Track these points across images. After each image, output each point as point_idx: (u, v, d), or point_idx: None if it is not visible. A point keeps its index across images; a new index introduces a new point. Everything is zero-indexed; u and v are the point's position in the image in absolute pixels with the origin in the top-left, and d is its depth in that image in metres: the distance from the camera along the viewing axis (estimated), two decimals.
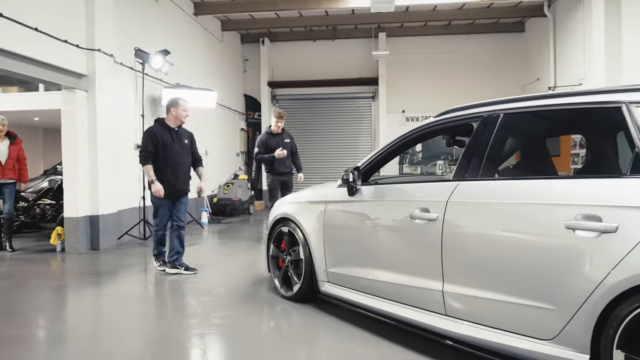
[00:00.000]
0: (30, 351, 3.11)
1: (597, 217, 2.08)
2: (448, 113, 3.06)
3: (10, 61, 5.39)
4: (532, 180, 2.50)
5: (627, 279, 1.95)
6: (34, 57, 5.63)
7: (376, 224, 3.28)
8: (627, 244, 1.97)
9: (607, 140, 2.51)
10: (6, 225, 6.73)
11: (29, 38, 5.52)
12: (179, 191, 5.21)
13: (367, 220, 3.36)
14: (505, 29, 13.00)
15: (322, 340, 3.34)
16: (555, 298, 2.21)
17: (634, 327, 1.94)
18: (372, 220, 3.32)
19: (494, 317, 2.50)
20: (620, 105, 2.21)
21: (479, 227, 2.58)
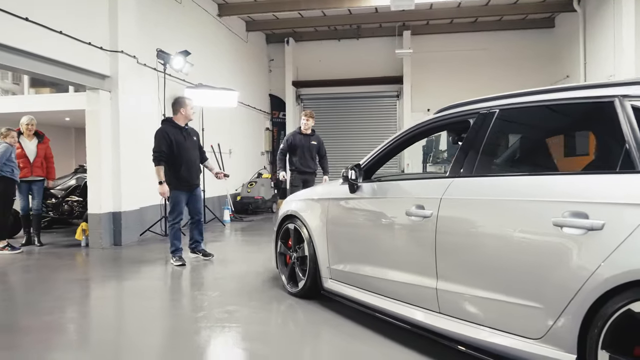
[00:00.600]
0: (50, 337, 3.26)
1: (583, 214, 2.03)
2: (447, 110, 3.04)
3: (36, 63, 5.62)
4: (522, 176, 2.46)
5: (612, 278, 1.90)
6: (59, 59, 5.87)
7: (375, 221, 3.29)
8: (612, 242, 1.92)
9: (601, 136, 2.44)
10: (35, 221, 7.02)
11: (54, 41, 5.75)
12: (193, 185, 5.57)
13: (366, 217, 3.37)
14: (534, 25, 12.70)
15: (324, 337, 3.35)
16: (542, 296, 2.17)
17: (618, 326, 1.89)
18: (371, 217, 3.32)
19: (485, 315, 2.47)
20: (613, 99, 2.15)
21: (470, 223, 2.55)
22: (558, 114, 2.49)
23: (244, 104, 12.01)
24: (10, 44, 5.17)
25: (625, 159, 2.03)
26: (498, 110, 2.65)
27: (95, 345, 3.25)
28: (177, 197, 5.40)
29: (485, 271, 2.46)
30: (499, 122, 2.63)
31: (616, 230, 1.92)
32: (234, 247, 7.27)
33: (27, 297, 4.45)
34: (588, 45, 10.40)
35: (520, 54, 12.86)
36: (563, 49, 11.79)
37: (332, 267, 3.68)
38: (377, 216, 3.26)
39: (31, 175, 6.85)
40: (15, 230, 7.62)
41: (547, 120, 2.63)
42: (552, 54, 12.32)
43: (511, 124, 2.67)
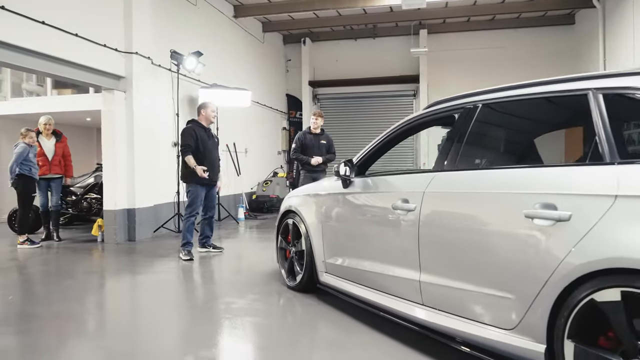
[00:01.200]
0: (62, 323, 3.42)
1: (553, 206, 2.06)
2: (435, 105, 3.08)
3: (53, 65, 5.86)
4: (498, 170, 2.49)
5: (576, 269, 1.91)
6: (75, 61, 6.10)
7: (364, 215, 3.34)
8: (578, 233, 1.94)
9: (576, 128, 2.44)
10: (54, 217, 7.29)
11: (71, 43, 5.97)
12: (213, 181, 5.88)
13: (357, 211, 3.43)
14: (554, 22, 12.49)
15: (319, 330, 3.42)
16: (514, 287, 2.20)
17: (583, 316, 1.91)
18: (361, 211, 3.38)
19: (463, 306, 2.50)
20: (587, 92, 2.17)
21: (449, 216, 2.60)
22: (535, 108, 2.51)
23: (259, 104, 12.17)
24: (27, 47, 5.40)
25: (594, 150, 2.04)
26: (481, 105, 2.68)
27: (101, 327, 3.40)
28: (197, 191, 5.70)
29: (462, 263, 2.50)
30: (481, 117, 2.66)
31: (582, 221, 1.94)
32: (244, 243, 7.40)
33: (41, 287, 4.66)
34: (608, 43, 10.20)
35: (539, 52, 12.66)
36: (583, 46, 11.59)
37: (327, 261, 3.75)
38: (366, 210, 3.32)
39: (50, 173, 7.12)
40: (36, 226, 7.93)
41: (525, 114, 2.64)
42: (572, 52, 12.11)
43: (492, 118, 2.70)
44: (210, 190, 5.89)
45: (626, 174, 1.88)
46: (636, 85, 2.00)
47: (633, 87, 2.01)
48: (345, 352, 2.90)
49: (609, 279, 1.81)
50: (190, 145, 5.61)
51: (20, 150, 6.60)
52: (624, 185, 1.86)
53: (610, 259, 1.82)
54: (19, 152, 6.59)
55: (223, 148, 9.97)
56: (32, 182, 6.76)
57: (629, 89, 2.02)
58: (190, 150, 5.60)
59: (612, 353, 1.82)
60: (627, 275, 1.76)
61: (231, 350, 3.04)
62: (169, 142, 7.95)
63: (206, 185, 5.77)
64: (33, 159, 6.72)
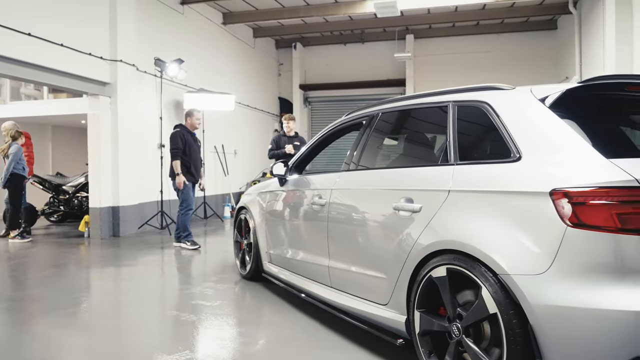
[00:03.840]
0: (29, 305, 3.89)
1: (411, 200, 2.47)
2: (351, 114, 3.49)
3: (39, 73, 6.34)
4: (379, 170, 2.91)
5: (421, 251, 2.33)
6: (60, 69, 6.57)
7: (294, 210, 3.76)
8: (424, 222, 2.35)
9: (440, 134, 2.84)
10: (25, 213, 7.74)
11: (56, 53, 6.45)
12: (196, 181, 6.57)
13: (289, 206, 3.86)
14: (536, 27, 12.81)
15: (261, 311, 3.85)
16: (387, 269, 2.61)
17: (425, 290, 2.31)
18: (291, 206, 3.81)
19: (355, 286, 2.92)
20: (447, 104, 2.57)
21: (345, 210, 3.02)
22: (415, 117, 2.92)
23: (250, 107, 12.63)
24: (13, 56, 5.88)
25: (445, 153, 2.45)
26: (380, 114, 3.09)
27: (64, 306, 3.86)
28: (187, 187, 6.37)
29: (353, 250, 2.92)
30: (378, 124, 3.08)
31: (427, 212, 2.35)
32: (222, 238, 7.84)
33: (21, 275, 5.13)
34: (583, 48, 10.51)
35: (522, 56, 12.99)
36: (563, 51, 11.92)
37: (269, 251, 4.18)
38: (295, 206, 3.74)
39: None
40: (32, 221, 8.46)
41: (407, 122, 3.06)
42: (554, 56, 12.44)
43: (385, 125, 3.10)
44: (193, 187, 6.54)
45: (458, 173, 2.29)
46: (480, 99, 2.40)
47: (478, 101, 2.41)
48: (275, 328, 3.33)
49: (439, 259, 2.22)
50: (180, 148, 6.25)
51: (14, 150, 7.12)
52: (455, 182, 2.27)
53: (439, 242, 2.23)
54: (14, 153, 7.11)
55: (210, 149, 10.46)
56: (22, 180, 7.26)
57: (475, 102, 2.42)
58: (179, 154, 6.25)
59: (441, 319, 2.23)
60: (450, 254, 2.17)
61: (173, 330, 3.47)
62: (154, 144, 8.41)
63: (194, 183, 6.48)
64: (24, 158, 7.22)
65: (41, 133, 11.65)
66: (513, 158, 2.08)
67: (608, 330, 1.69)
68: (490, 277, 1.96)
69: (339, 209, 3.08)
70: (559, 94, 2.10)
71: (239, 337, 3.17)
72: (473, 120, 2.45)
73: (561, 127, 2.00)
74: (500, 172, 2.10)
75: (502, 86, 2.38)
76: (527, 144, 2.06)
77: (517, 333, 1.86)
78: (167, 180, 8.08)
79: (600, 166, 1.81)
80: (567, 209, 1.79)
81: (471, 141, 2.50)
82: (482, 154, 2.44)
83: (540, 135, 2.05)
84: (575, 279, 1.76)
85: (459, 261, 2.11)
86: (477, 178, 2.19)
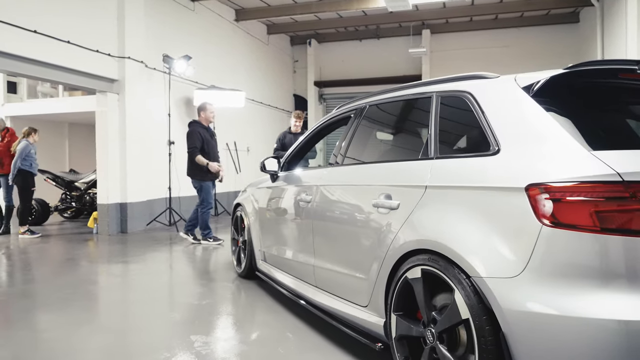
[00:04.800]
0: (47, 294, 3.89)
1: (390, 196, 2.33)
2: (341, 107, 3.36)
3: (44, 70, 6.38)
4: (360, 165, 2.77)
5: (396, 250, 2.19)
6: (67, 66, 6.60)
7: (282, 207, 3.65)
8: (401, 220, 2.21)
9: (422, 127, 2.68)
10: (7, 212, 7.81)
11: (63, 50, 6.48)
12: (216, 177, 6.45)
13: (277, 203, 3.75)
14: (557, 20, 12.41)
15: (250, 310, 3.76)
16: (366, 269, 2.47)
17: (401, 293, 2.17)
18: (279, 203, 3.70)
19: (337, 286, 2.79)
20: (431, 95, 2.42)
21: (328, 207, 2.89)
22: (401, 110, 2.78)
23: (263, 104, 12.58)
24: (19, 54, 5.92)
25: (426, 147, 2.30)
26: (368, 106, 2.96)
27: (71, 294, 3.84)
28: (208, 187, 6.32)
29: (335, 248, 2.79)
30: (366, 117, 2.94)
31: (404, 209, 2.21)
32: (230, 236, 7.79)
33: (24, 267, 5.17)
34: (606, 41, 10.11)
35: (543, 50, 12.58)
36: (585, 45, 11.49)
37: (262, 249, 4.08)
38: (283, 202, 3.63)
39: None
40: (44, 217, 8.61)
41: (393, 114, 2.91)
42: (576, 51, 11.99)
43: (372, 118, 2.96)
44: (214, 183, 6.52)
45: (436, 167, 2.14)
46: (462, 89, 2.24)
47: (460, 91, 2.25)
48: (262, 329, 3.23)
49: (415, 260, 2.08)
50: (197, 147, 6.15)
51: (22, 146, 7.20)
52: (433, 177, 2.12)
53: (415, 241, 2.09)
54: (21, 149, 7.19)
55: (223, 147, 10.42)
56: (32, 177, 7.34)
57: (458, 92, 2.26)
58: (197, 150, 6.15)
59: (418, 323, 2.09)
60: (425, 254, 2.02)
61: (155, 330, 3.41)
62: (163, 141, 8.41)
63: (213, 180, 6.41)
64: (34, 155, 7.30)
65: (58, 130, 11.83)
66: (492, 151, 1.92)
67: (588, 340, 1.53)
68: (463, 280, 1.81)
69: (323, 206, 2.95)
70: (542, 81, 1.93)
71: (221, 338, 3.09)
72: (455, 111, 2.29)
73: (543, 118, 1.84)
74: (477, 167, 1.95)
75: (487, 75, 2.23)
76: (506, 135, 1.90)
77: (489, 341, 1.71)
78: (176, 176, 8.13)
79: (582, 159, 1.64)
80: (543, 205, 1.63)
81: (452, 134, 2.35)
82: (462, 148, 2.29)
83: (521, 127, 1.89)
84: (552, 283, 1.60)
85: (433, 262, 1.96)
86: (454, 173, 2.04)
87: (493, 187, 1.82)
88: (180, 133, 8.65)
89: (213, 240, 6.47)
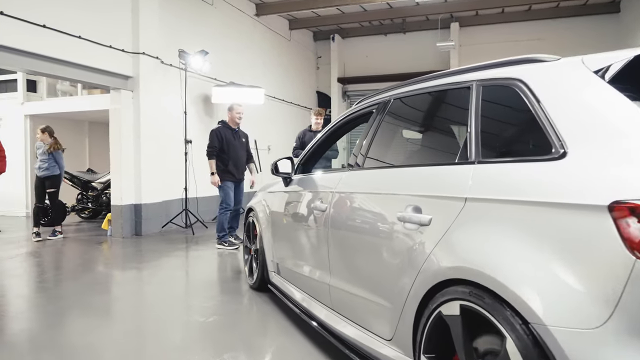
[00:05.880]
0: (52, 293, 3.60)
1: (419, 209, 1.89)
2: (362, 102, 2.94)
3: (54, 66, 6.12)
4: (383, 169, 2.33)
5: (428, 278, 1.75)
6: (78, 62, 6.33)
7: (295, 215, 3.24)
8: (434, 239, 1.78)
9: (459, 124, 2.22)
10: None
11: (73, 45, 6.22)
12: (239, 179, 6.35)
13: (290, 210, 3.34)
14: (596, 10, 11.65)
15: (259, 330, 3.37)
16: (391, 296, 2.05)
17: (434, 330, 1.74)
18: (293, 210, 3.29)
19: (357, 312, 2.37)
20: (470, 84, 1.98)
21: (346, 218, 2.46)
22: (433, 103, 2.32)
23: (285, 101, 12.22)
24: (27, 49, 5.67)
25: (465, 148, 1.85)
26: (392, 100, 2.52)
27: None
28: (227, 187, 6.18)
29: (355, 268, 2.37)
30: (390, 113, 2.50)
31: (438, 226, 1.78)
32: None
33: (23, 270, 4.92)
34: None
35: (580, 43, 11.80)
36: (626, 36, 10.73)
37: (275, 261, 3.69)
38: (297, 210, 3.22)
39: None
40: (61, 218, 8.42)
41: (423, 109, 2.45)
42: (617, 42, 11.21)
43: (398, 114, 2.52)
44: (238, 186, 6.36)
45: (479, 174, 1.70)
46: (512, 76, 1.79)
47: (509, 78, 1.80)
48: (269, 354, 2.83)
49: (452, 292, 1.64)
50: (215, 147, 6.07)
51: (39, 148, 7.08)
52: (475, 187, 1.68)
53: (452, 269, 1.65)
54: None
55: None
56: (37, 178, 7.11)
57: (505, 80, 1.81)
58: (214, 152, 6.07)
59: None
60: (466, 286, 1.58)
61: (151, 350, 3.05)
62: (179, 139, 8.11)
63: (234, 181, 6.24)
64: (41, 156, 7.05)
65: (79, 129, 11.70)
66: (555, 154, 1.46)
67: None
68: (518, 326, 1.36)
69: (340, 217, 2.53)
70: (624, 62, 1.47)
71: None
72: (502, 104, 1.85)
73: (627, 109, 1.38)
74: (535, 175, 1.49)
75: (543, 57, 1.76)
76: (575, 133, 1.45)
77: None
78: (193, 176, 7.83)
79: None
80: (635, 231, 1.18)
81: (499, 132, 1.89)
82: (513, 150, 1.83)
83: (596, 122, 1.43)
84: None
85: (476, 298, 1.52)
86: (505, 182, 1.59)
87: (560, 204, 1.37)
88: (198, 131, 8.37)
89: (228, 245, 6.20)
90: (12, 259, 5.73)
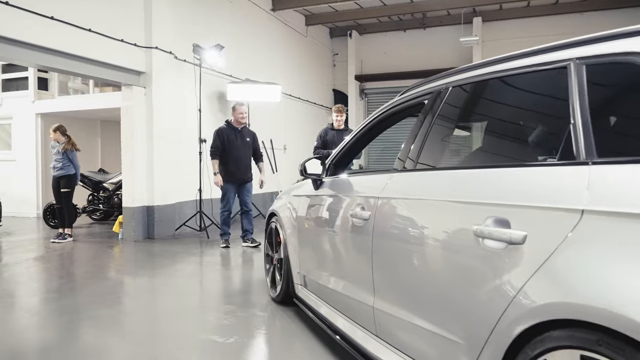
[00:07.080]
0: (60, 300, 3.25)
1: (506, 222, 1.48)
2: (408, 91, 2.53)
3: (67, 61, 5.80)
4: (451, 170, 1.91)
5: (526, 313, 1.33)
6: (88, 56, 6.00)
7: (327, 223, 2.82)
8: (532, 263, 1.36)
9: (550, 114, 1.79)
10: None
11: (83, 39, 5.89)
12: (241, 179, 6.20)
13: (322, 217, 2.93)
14: (628, 3, 11.08)
15: (293, 349, 2.98)
16: (464, 330, 1.64)
17: None
18: (325, 217, 2.88)
19: (414, 345, 1.95)
20: (567, 64, 1.56)
21: (395, 230, 2.05)
22: (508, 90, 1.90)
23: (301, 99, 11.83)
24: (34, 42, 5.35)
25: (566, 145, 1.43)
26: (450, 88, 2.10)
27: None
28: (226, 188, 6.12)
29: (411, 291, 1.95)
30: (447, 104, 2.08)
31: (537, 245, 1.36)
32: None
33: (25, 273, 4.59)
34: None
35: None
36: None
37: (302, 272, 3.29)
38: (330, 217, 2.81)
39: None
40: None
41: (495, 97, 2.03)
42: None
43: (458, 105, 2.10)
44: (244, 186, 6.22)
45: (599, 179, 1.27)
46: (627, 50, 1.38)
47: (623, 53, 1.38)
48: None
49: (565, 336, 1.23)
50: (218, 147, 6.04)
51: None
52: (595, 196, 1.25)
53: (561, 305, 1.23)
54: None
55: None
56: (53, 178, 6.84)
57: (618, 56, 1.40)
58: (217, 152, 6.04)
59: None
60: (587, 331, 1.17)
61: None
62: (193, 138, 7.75)
63: (235, 182, 6.13)
64: (55, 155, 6.77)
65: (91, 128, 11.43)
66: None
67: None
68: None
69: (388, 228, 2.11)
70: None
71: None
72: (617, 86, 1.43)
73: None
74: None
75: None
76: None
77: None
78: (207, 177, 7.48)
79: None
80: None
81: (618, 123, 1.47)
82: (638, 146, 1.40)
83: None
84: None
85: (608, 348, 1.11)
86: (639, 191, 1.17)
87: None
88: (212, 130, 7.99)
89: (223, 242, 6.26)
90: (18, 264, 5.41)
